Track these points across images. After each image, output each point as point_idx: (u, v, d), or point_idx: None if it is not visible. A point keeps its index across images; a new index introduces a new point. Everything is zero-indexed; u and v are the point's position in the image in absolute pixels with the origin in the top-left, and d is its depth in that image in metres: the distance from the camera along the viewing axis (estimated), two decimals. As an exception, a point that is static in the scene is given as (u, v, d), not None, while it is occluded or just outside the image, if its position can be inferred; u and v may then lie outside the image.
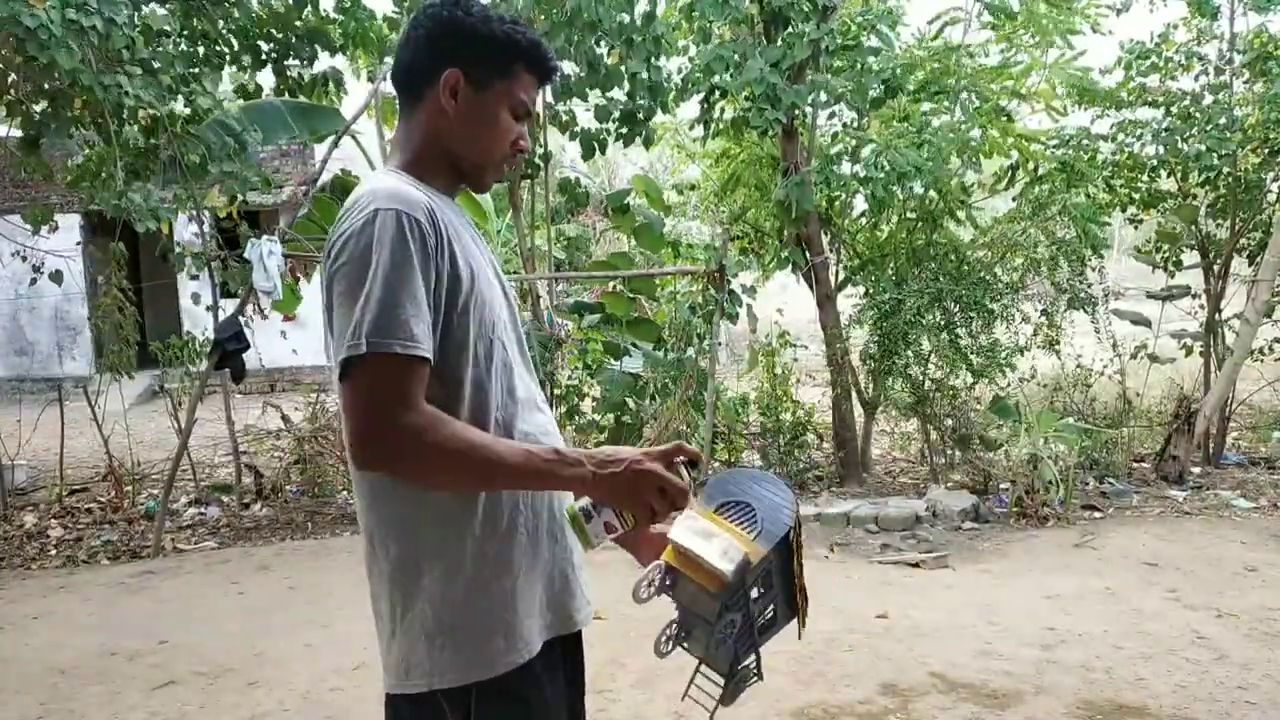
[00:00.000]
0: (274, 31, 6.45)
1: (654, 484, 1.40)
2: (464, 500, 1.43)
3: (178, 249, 6.33)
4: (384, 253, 1.34)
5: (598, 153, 7.06)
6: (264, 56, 6.52)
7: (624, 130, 6.77)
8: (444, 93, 1.50)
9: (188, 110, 5.98)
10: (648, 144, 7.02)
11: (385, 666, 1.49)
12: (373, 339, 1.31)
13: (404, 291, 1.33)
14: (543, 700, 1.50)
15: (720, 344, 7.09)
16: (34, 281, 6.67)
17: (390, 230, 1.35)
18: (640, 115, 6.65)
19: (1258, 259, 7.19)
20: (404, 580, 1.44)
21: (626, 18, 6.13)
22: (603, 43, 6.33)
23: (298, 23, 6.46)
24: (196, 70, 6.04)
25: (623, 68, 6.31)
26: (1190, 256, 7.76)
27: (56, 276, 6.60)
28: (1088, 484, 6.62)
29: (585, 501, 1.42)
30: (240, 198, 6.30)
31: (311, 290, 11.72)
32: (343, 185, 8.28)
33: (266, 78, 6.79)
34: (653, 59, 6.40)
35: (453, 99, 1.51)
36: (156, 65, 5.41)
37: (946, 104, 7.22)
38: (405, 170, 1.52)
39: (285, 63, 6.61)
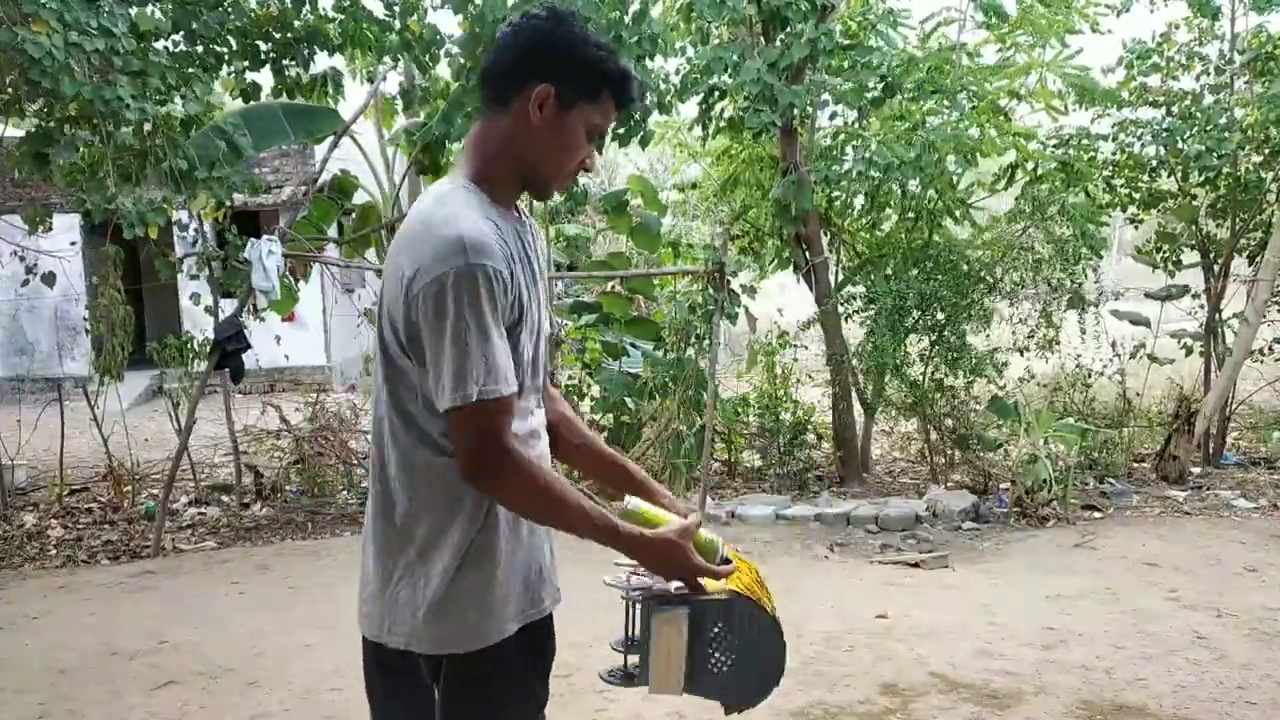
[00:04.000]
0: (272, 31, 6.41)
1: (685, 566, 1.64)
2: (461, 495, 1.57)
3: (178, 252, 6.30)
4: (477, 310, 1.47)
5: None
6: (262, 57, 6.49)
7: (620, 130, 6.75)
8: (533, 105, 1.56)
9: (181, 114, 5.95)
10: (644, 144, 7.00)
11: (366, 614, 1.67)
12: (483, 387, 1.48)
13: (497, 341, 1.50)
14: (509, 676, 1.63)
15: (720, 344, 7.09)
16: (26, 283, 6.66)
17: (481, 287, 1.47)
18: (636, 115, 6.63)
19: (1258, 259, 7.19)
20: (423, 553, 1.59)
21: (616, 15, 6.09)
22: None
23: (296, 23, 6.42)
24: (190, 72, 5.99)
25: None
26: (1190, 256, 7.75)
27: (49, 279, 6.57)
28: (1088, 484, 6.62)
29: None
30: (227, 203, 6.28)
31: (311, 291, 11.68)
32: (342, 185, 8.26)
33: (265, 77, 6.74)
34: (645, 59, 6.36)
35: (539, 112, 1.56)
36: (146, 72, 5.38)
37: (945, 103, 7.21)
38: (474, 181, 1.59)
39: (284, 62, 6.56)
